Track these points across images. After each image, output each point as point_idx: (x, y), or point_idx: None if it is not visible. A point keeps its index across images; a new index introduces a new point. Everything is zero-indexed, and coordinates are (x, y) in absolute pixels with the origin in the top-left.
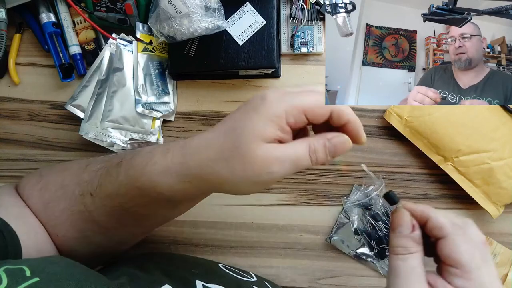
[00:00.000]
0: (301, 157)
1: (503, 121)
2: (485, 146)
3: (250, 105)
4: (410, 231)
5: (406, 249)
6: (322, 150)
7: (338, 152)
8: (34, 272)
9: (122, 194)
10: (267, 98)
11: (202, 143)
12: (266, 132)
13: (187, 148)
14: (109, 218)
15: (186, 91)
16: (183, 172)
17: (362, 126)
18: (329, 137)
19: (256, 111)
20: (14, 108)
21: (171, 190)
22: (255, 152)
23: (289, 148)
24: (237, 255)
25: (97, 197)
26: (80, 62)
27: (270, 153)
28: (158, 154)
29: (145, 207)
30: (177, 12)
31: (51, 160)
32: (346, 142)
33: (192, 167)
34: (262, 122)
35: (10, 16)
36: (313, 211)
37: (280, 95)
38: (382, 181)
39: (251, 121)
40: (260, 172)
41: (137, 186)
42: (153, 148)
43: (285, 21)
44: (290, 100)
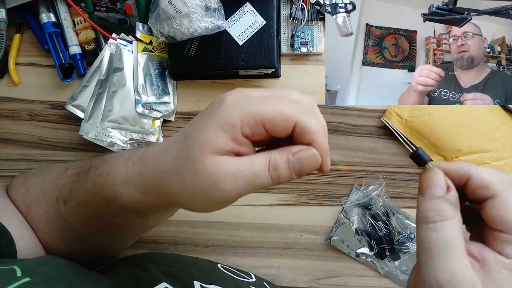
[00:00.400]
0: (259, 174)
1: (503, 121)
2: (485, 146)
3: (208, 109)
4: (445, 192)
5: (440, 214)
6: (284, 166)
7: (305, 169)
8: (25, 272)
9: (91, 202)
10: (224, 103)
11: (159, 152)
12: (217, 142)
13: (146, 156)
14: (84, 226)
15: (186, 91)
16: (140, 183)
17: (329, 152)
18: (294, 151)
19: (210, 117)
20: (14, 108)
21: (133, 201)
22: (204, 165)
23: (244, 162)
24: (237, 255)
25: (70, 204)
26: (80, 62)
27: (219, 167)
28: (121, 162)
29: (115, 216)
30: (177, 12)
31: (51, 160)
32: (314, 158)
33: (148, 178)
34: (213, 131)
35: (10, 16)
36: (313, 211)
37: (240, 100)
38: (383, 181)
39: (204, 129)
40: (209, 188)
41: (102, 195)
42: (120, 154)
43: (285, 21)
44: (248, 107)
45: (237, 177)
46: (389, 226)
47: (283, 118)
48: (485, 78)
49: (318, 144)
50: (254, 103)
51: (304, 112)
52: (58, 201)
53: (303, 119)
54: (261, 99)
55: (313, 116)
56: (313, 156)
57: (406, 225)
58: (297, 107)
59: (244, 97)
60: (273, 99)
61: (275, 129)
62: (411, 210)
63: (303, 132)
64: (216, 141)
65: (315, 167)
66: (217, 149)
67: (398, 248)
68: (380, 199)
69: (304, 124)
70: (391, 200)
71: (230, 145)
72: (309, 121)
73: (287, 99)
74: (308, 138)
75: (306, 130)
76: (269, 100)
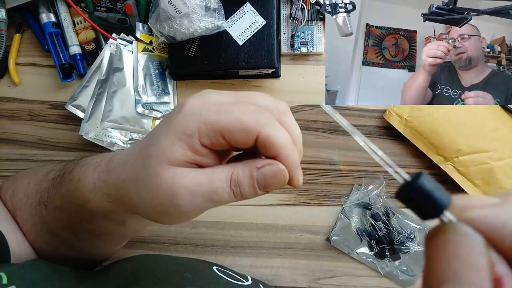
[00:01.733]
0: (218, 190)
1: (503, 121)
2: (485, 146)
3: (167, 117)
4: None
5: None
6: (247, 183)
7: (270, 186)
8: (11, 279)
9: (66, 208)
10: (182, 110)
11: (122, 159)
12: (174, 152)
13: (111, 164)
14: (65, 231)
15: (186, 91)
16: (105, 192)
17: (299, 166)
18: (259, 166)
19: (169, 125)
20: (14, 108)
21: (102, 208)
22: (160, 178)
23: (203, 176)
24: (237, 255)
25: (49, 208)
26: (80, 62)
27: (176, 181)
28: (90, 168)
29: (91, 223)
30: (177, 12)
31: (51, 160)
32: (281, 174)
33: (111, 187)
34: (170, 140)
35: (10, 16)
36: (313, 211)
37: (199, 107)
38: (383, 181)
39: (160, 139)
40: (166, 203)
41: (74, 201)
42: (92, 158)
43: (285, 21)
44: (206, 116)
45: (195, 192)
46: (389, 226)
47: (243, 129)
48: (485, 78)
49: (284, 158)
50: (214, 111)
51: (268, 122)
52: (40, 204)
53: (266, 130)
54: (223, 106)
55: (278, 127)
56: (279, 171)
57: (406, 225)
58: (261, 116)
59: (205, 103)
60: (236, 106)
61: (235, 140)
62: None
63: (266, 145)
64: (172, 151)
65: (283, 183)
66: (174, 160)
67: (398, 248)
68: (380, 199)
69: (267, 136)
70: (391, 200)
71: (188, 156)
72: (274, 133)
73: (252, 106)
74: (273, 151)
75: (270, 142)
76: (231, 107)
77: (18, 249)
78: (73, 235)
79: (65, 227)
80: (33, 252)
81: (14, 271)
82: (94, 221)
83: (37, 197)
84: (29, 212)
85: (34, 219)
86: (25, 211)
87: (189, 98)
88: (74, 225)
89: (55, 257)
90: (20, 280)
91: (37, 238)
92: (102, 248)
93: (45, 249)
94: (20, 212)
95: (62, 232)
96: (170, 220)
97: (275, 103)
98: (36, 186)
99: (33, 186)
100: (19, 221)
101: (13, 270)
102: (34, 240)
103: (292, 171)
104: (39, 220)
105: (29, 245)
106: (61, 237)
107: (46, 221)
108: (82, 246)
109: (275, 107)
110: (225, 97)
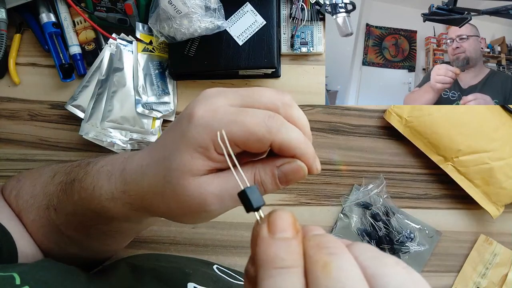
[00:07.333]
0: None
1: (503, 121)
2: (485, 146)
3: (177, 127)
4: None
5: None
6: (270, 181)
7: (291, 181)
8: (24, 280)
9: (81, 213)
10: (193, 121)
11: (138, 170)
12: (194, 165)
13: (126, 175)
14: (77, 232)
15: (186, 91)
16: (127, 201)
17: (315, 155)
18: (279, 164)
19: (182, 138)
20: (14, 108)
21: (123, 214)
22: (187, 189)
23: (229, 180)
24: (237, 255)
25: (60, 213)
26: (80, 62)
27: (204, 189)
28: (104, 176)
29: (107, 224)
30: (177, 12)
31: (51, 160)
32: (300, 170)
33: (134, 198)
34: (188, 154)
35: (10, 16)
36: (313, 211)
37: (210, 117)
38: (383, 180)
39: (178, 152)
40: (197, 211)
41: (91, 208)
42: (101, 165)
43: (285, 21)
44: (218, 127)
45: (223, 196)
46: (389, 226)
47: (256, 139)
48: (484, 78)
49: (300, 155)
50: (225, 123)
51: (280, 128)
52: (49, 208)
53: (279, 137)
54: (233, 115)
55: (290, 128)
56: (298, 168)
57: (406, 225)
58: (272, 123)
59: (214, 113)
60: (246, 117)
61: (250, 148)
62: (411, 210)
63: (282, 150)
64: (193, 163)
65: (303, 177)
66: (196, 171)
67: (398, 248)
68: (380, 199)
69: (281, 142)
70: (391, 200)
71: (208, 165)
72: (287, 137)
73: (261, 113)
74: (289, 153)
75: (285, 147)
76: (241, 118)
77: (25, 248)
78: (85, 236)
79: (77, 229)
80: (39, 252)
81: (26, 272)
82: (111, 223)
83: (45, 200)
84: (36, 214)
85: (42, 221)
86: (31, 212)
87: (195, 104)
88: (88, 228)
89: (62, 257)
90: (32, 281)
91: (45, 238)
92: (111, 245)
93: (53, 249)
94: (26, 214)
95: (74, 233)
96: (198, 221)
97: (280, 98)
98: (42, 188)
99: (39, 189)
100: (25, 222)
101: (25, 270)
102: (41, 241)
103: (310, 164)
104: (47, 222)
105: (36, 244)
106: (71, 238)
107: (56, 223)
108: (91, 244)
109: (280, 102)
110: (231, 100)
